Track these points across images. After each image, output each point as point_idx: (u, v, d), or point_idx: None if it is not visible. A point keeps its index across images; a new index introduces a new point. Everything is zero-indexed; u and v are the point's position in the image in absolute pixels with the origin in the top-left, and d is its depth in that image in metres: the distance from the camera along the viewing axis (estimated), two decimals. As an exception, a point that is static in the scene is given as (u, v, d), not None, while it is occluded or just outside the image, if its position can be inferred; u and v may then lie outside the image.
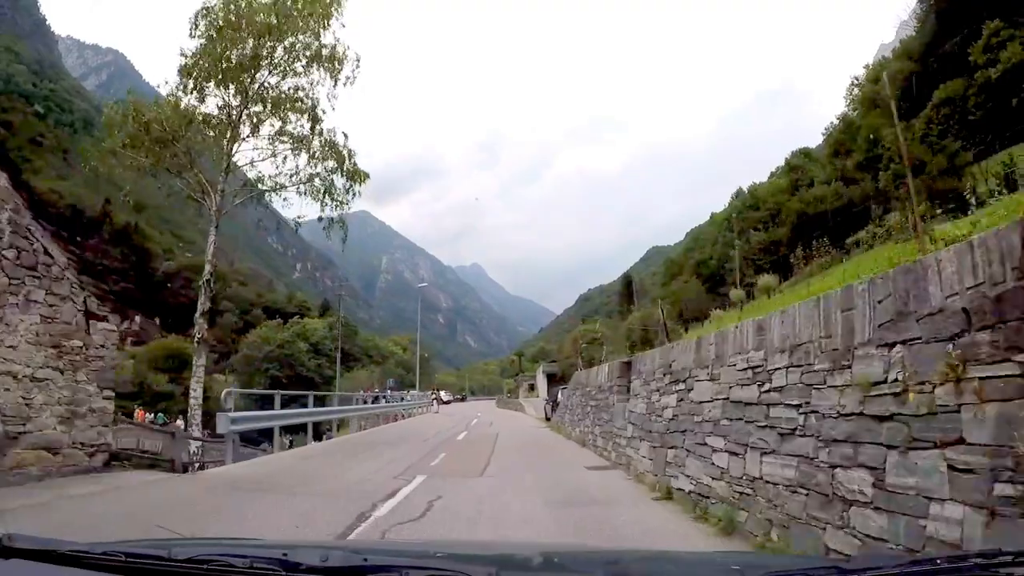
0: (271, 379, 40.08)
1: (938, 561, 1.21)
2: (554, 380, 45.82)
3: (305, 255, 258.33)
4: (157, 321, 57.11)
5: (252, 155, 14.43)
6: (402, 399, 29.86)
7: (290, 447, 13.75)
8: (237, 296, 65.78)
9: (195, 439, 11.68)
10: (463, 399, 70.75)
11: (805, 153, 46.68)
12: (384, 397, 27.91)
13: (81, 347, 7.89)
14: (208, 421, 12.44)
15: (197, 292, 13.38)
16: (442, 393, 53.58)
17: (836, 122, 45.82)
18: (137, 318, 53.66)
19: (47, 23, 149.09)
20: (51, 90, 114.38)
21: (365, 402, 22.24)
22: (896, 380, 2.96)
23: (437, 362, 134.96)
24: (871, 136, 33.31)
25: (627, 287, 55.55)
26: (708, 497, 5.32)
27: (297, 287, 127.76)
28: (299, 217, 14.90)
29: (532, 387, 56.29)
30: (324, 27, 13.61)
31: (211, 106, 13.66)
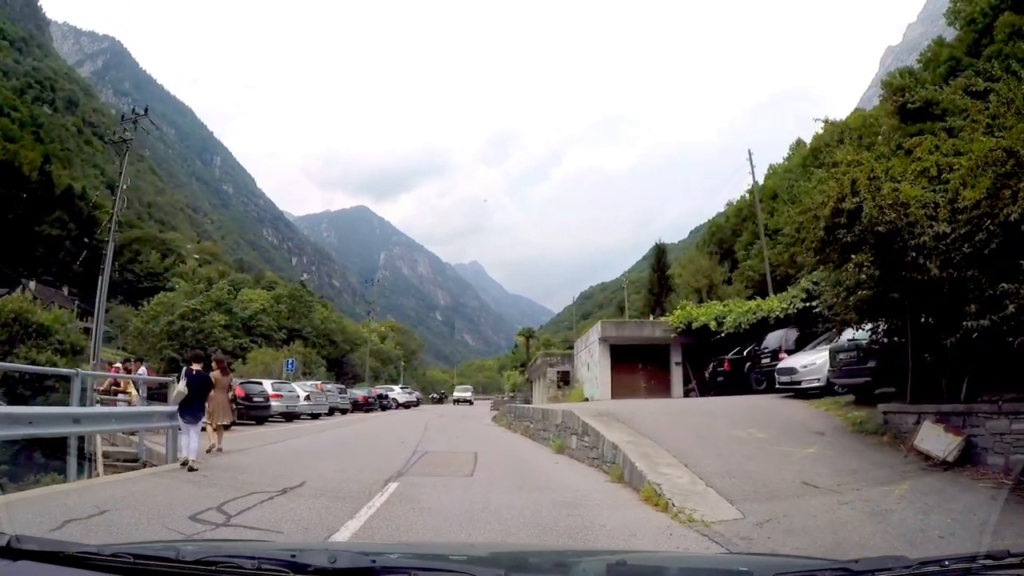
0: (167, 361, 31.04)
1: (946, 563, 1.22)
2: (625, 361, 22.96)
3: (301, 250, 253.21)
4: (65, 291, 50.82)
5: None
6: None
7: None
8: (191, 273, 59.69)
9: None
10: (441, 399, 58.34)
11: (909, 72, 38.25)
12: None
13: None
14: None
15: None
16: (396, 390, 40.81)
17: (930, 43, 40.22)
18: (32, 284, 47.05)
19: (38, 4, 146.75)
20: (34, 68, 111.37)
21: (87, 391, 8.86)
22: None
23: (430, 357, 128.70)
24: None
25: (659, 257, 49.95)
26: None
27: (290, 281, 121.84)
28: None
29: (565, 378, 30.93)
30: None
31: None
